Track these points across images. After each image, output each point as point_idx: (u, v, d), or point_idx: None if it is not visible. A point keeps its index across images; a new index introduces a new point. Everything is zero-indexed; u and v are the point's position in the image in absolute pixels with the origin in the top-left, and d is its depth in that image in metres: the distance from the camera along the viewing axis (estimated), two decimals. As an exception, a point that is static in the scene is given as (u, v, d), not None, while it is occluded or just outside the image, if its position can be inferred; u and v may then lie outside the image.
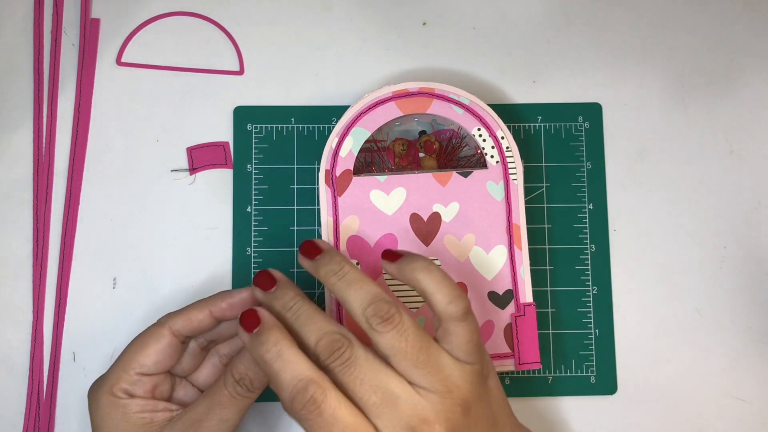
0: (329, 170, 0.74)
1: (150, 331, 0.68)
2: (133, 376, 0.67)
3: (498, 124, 0.74)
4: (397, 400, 0.58)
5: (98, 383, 0.67)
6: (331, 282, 0.63)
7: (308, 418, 0.58)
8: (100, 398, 0.66)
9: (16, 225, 0.79)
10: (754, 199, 0.80)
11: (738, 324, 0.79)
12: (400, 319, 0.60)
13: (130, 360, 0.67)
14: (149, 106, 0.81)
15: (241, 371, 0.65)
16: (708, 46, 0.83)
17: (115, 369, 0.67)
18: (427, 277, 0.62)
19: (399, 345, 0.59)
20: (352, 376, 0.59)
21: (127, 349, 0.68)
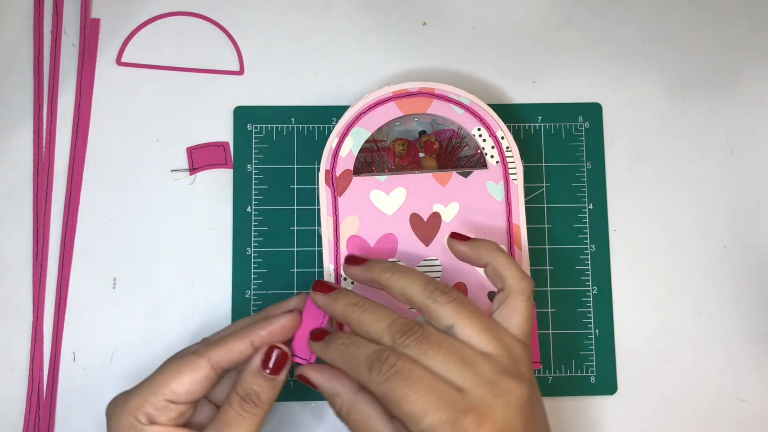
0: (329, 170, 0.74)
1: (187, 360, 0.65)
2: (161, 401, 0.64)
3: (498, 124, 0.74)
4: (474, 362, 0.61)
5: (121, 401, 0.65)
6: (385, 277, 0.66)
7: (388, 379, 0.59)
8: (120, 418, 0.64)
9: (16, 225, 0.79)
10: (754, 199, 0.80)
11: (738, 324, 0.79)
12: (457, 293, 0.64)
13: (160, 385, 0.65)
14: (149, 106, 0.81)
15: (245, 387, 0.65)
16: (708, 46, 0.83)
17: (142, 391, 0.65)
18: (501, 256, 0.67)
19: (461, 312, 0.63)
20: (430, 348, 0.61)
21: (159, 373, 0.65)
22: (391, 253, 0.73)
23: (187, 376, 0.65)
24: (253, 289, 0.78)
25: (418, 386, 0.59)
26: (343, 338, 0.64)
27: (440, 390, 0.59)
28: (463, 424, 0.58)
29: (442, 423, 0.58)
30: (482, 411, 0.59)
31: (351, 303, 0.65)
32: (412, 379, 0.59)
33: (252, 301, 0.78)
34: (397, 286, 0.65)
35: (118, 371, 0.77)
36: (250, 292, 0.78)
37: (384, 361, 0.60)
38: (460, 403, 0.59)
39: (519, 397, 0.60)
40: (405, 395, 0.59)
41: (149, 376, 0.65)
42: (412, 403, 0.58)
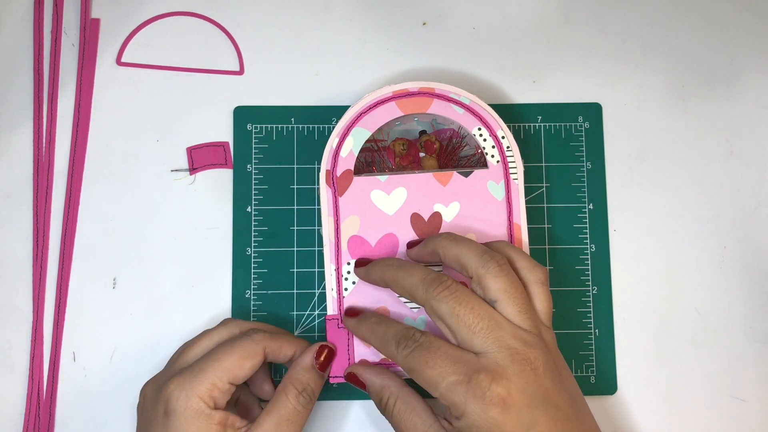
0: (330, 170, 0.74)
1: (247, 346, 0.68)
2: (226, 385, 0.66)
3: (498, 124, 0.74)
4: (502, 326, 0.63)
5: (186, 384, 0.65)
6: (443, 245, 0.68)
7: (413, 350, 0.64)
8: (188, 401, 0.65)
9: (16, 225, 0.79)
10: (754, 199, 0.80)
11: (738, 324, 0.79)
12: (510, 269, 0.66)
13: (227, 370, 0.66)
14: (149, 106, 0.81)
15: (302, 381, 0.68)
16: (708, 46, 0.83)
17: (209, 375, 0.66)
18: (512, 249, 0.69)
19: (511, 290, 0.65)
20: (460, 304, 0.64)
21: (223, 357, 0.67)
22: (392, 252, 0.73)
23: (249, 362, 0.68)
24: (253, 289, 0.78)
25: (437, 353, 0.63)
26: (375, 317, 0.69)
27: (458, 355, 0.63)
28: (477, 381, 0.60)
29: (458, 383, 0.61)
30: (497, 371, 0.61)
31: (387, 264, 0.69)
32: (432, 348, 0.63)
33: (252, 301, 0.78)
34: (452, 252, 0.67)
35: (118, 371, 0.77)
36: (250, 292, 0.78)
37: (410, 336, 0.65)
38: (475, 364, 0.62)
39: (538, 367, 0.62)
40: (425, 362, 0.63)
41: (205, 359, 0.67)
42: (431, 368, 0.62)
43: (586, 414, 0.66)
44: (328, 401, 0.77)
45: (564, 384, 0.64)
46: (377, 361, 0.72)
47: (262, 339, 0.69)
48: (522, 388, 0.61)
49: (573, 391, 0.65)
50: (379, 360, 0.72)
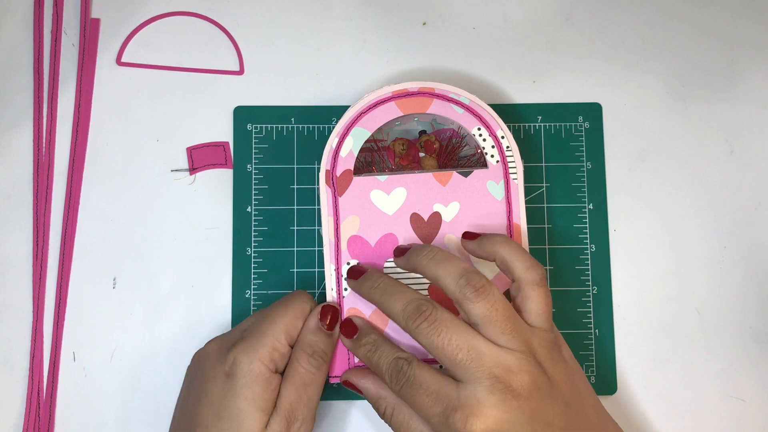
0: (330, 170, 0.74)
1: (298, 303, 0.71)
2: (285, 346, 0.69)
3: (498, 124, 0.74)
4: (483, 355, 0.62)
5: (249, 348, 0.67)
6: (422, 264, 0.67)
7: (402, 387, 0.65)
8: (251, 365, 0.66)
9: (16, 225, 0.79)
10: (754, 199, 0.80)
11: (738, 324, 0.79)
12: (490, 289, 0.65)
13: (283, 330, 0.69)
14: (149, 106, 0.81)
15: (311, 344, 0.69)
16: (708, 46, 0.83)
17: (267, 338, 0.68)
18: (507, 248, 0.68)
19: (490, 314, 0.64)
20: (440, 336, 0.63)
21: (276, 318, 0.69)
22: (391, 252, 0.73)
23: (300, 320, 0.70)
24: (253, 289, 0.78)
25: (420, 390, 0.64)
26: (368, 343, 0.69)
27: (439, 389, 0.63)
28: (453, 420, 0.61)
29: (439, 422, 0.62)
30: (473, 407, 0.61)
31: (373, 286, 0.69)
32: (416, 384, 0.64)
33: (252, 301, 0.78)
34: (431, 273, 0.67)
35: (118, 371, 0.77)
36: (250, 292, 0.78)
37: (399, 370, 0.65)
38: (454, 399, 0.62)
39: (521, 391, 0.61)
40: (413, 399, 0.64)
41: (263, 321, 0.69)
42: (419, 405, 0.63)
43: (587, 411, 0.66)
44: (329, 401, 0.77)
45: (555, 393, 0.64)
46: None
47: (310, 298, 0.72)
48: (501, 419, 0.61)
49: (567, 396, 0.65)
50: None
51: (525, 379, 0.62)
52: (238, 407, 0.65)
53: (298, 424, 0.67)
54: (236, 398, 0.65)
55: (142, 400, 0.76)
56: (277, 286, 0.78)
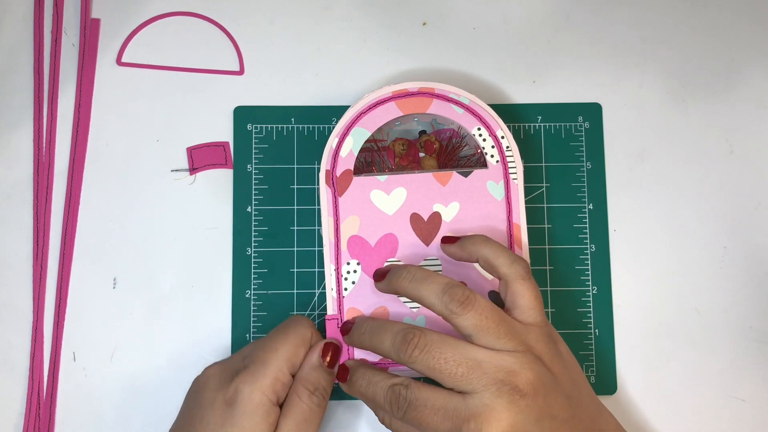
0: (330, 170, 0.74)
1: (299, 332, 0.70)
2: (287, 375, 0.68)
3: (498, 124, 0.74)
4: (482, 363, 0.62)
5: (250, 378, 0.66)
6: (403, 286, 0.67)
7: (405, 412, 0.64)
8: (252, 395, 0.65)
9: (16, 225, 0.79)
10: (754, 199, 0.80)
11: (738, 324, 0.79)
12: (474, 299, 0.64)
13: (285, 359, 0.68)
14: (149, 106, 0.81)
15: (313, 381, 0.68)
16: (708, 46, 0.83)
17: (269, 368, 0.67)
18: (488, 247, 0.69)
19: (481, 323, 0.64)
20: (434, 358, 0.63)
21: (278, 347, 0.68)
22: (391, 252, 0.73)
23: (303, 349, 0.69)
24: (253, 289, 0.78)
25: (425, 410, 0.63)
26: (362, 378, 0.68)
27: (445, 404, 0.62)
28: (466, 431, 0.61)
29: (449, 431, 0.61)
30: (484, 413, 0.61)
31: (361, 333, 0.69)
32: (419, 405, 0.63)
33: (252, 301, 0.78)
34: (414, 295, 0.67)
35: (118, 371, 0.77)
36: (250, 292, 0.78)
37: (398, 396, 0.64)
38: (463, 410, 0.61)
39: (527, 390, 0.62)
40: (419, 421, 0.63)
41: (263, 350, 0.68)
42: (426, 426, 0.62)
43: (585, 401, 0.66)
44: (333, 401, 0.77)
45: (557, 387, 0.64)
46: (376, 361, 0.72)
47: (310, 325, 0.70)
48: (514, 421, 0.61)
49: (568, 388, 0.65)
50: (378, 360, 0.72)
51: (529, 376, 0.62)
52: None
53: None
54: (234, 428, 0.64)
55: (142, 400, 0.76)
56: (277, 286, 0.78)
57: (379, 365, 0.71)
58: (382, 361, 0.72)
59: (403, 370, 0.71)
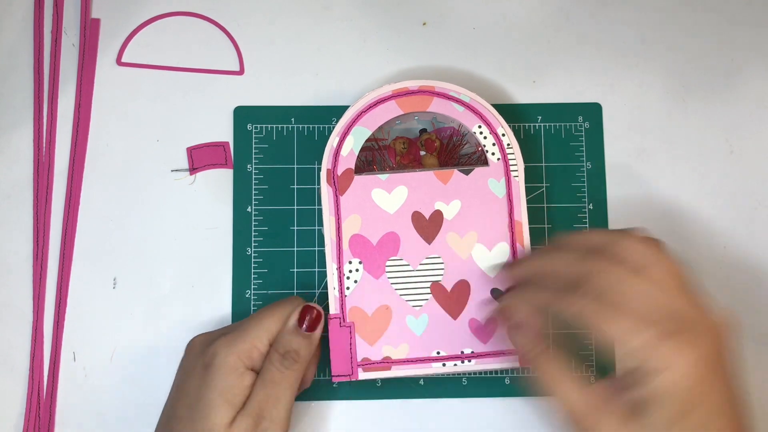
0: (331, 169, 0.74)
1: (286, 307, 0.70)
2: (266, 344, 0.69)
3: (498, 122, 0.74)
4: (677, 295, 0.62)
5: (230, 341, 0.67)
6: None
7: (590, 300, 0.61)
8: (227, 357, 0.66)
9: (16, 225, 0.79)
10: (754, 199, 0.81)
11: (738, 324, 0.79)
12: None
13: (266, 330, 0.69)
14: (149, 106, 0.81)
15: (284, 345, 0.68)
16: (708, 46, 0.83)
17: (248, 334, 0.68)
18: None
19: None
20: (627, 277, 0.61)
21: (262, 318, 0.69)
22: (393, 251, 0.73)
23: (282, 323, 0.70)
24: (253, 289, 0.78)
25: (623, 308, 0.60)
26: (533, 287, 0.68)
27: (650, 309, 0.60)
28: (682, 338, 0.58)
29: (657, 338, 0.58)
30: (709, 339, 0.60)
31: (536, 257, 0.70)
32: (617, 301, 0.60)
33: (252, 301, 0.78)
34: None
35: (118, 371, 0.77)
36: (250, 292, 0.78)
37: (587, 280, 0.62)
38: (678, 321, 0.59)
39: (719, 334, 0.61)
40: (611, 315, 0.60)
41: (249, 320, 0.69)
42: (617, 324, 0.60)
43: None
44: (331, 401, 0.77)
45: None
46: (380, 359, 0.72)
47: (299, 302, 0.71)
48: (727, 366, 0.61)
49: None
50: (381, 358, 0.72)
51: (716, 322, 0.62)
52: (208, 398, 0.65)
53: (266, 424, 0.66)
54: (208, 389, 0.65)
55: (142, 400, 0.76)
56: (277, 286, 0.78)
57: (381, 364, 0.71)
58: (384, 360, 0.72)
59: None
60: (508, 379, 0.77)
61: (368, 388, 0.77)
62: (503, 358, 0.73)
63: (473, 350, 0.72)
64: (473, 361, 0.72)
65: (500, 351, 0.73)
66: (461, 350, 0.72)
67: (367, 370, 0.72)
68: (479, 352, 0.72)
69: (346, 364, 0.72)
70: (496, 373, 0.77)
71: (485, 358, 0.72)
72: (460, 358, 0.72)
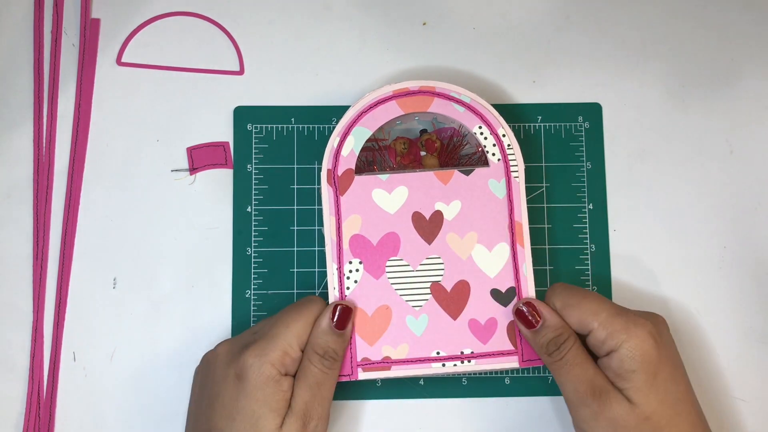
0: (331, 169, 0.74)
1: (312, 310, 0.71)
2: (297, 350, 0.69)
3: (499, 122, 0.74)
4: None
5: (259, 351, 0.67)
6: None
7: None
8: (261, 368, 0.66)
9: (16, 225, 0.79)
10: (754, 199, 0.81)
11: (738, 324, 0.79)
12: None
13: (295, 335, 0.69)
14: (149, 106, 0.81)
15: (322, 345, 0.69)
16: (708, 46, 0.83)
17: (278, 342, 0.68)
18: None
19: None
20: None
21: (290, 323, 0.69)
22: (393, 251, 0.73)
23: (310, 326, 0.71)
24: (253, 289, 0.78)
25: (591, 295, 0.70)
26: None
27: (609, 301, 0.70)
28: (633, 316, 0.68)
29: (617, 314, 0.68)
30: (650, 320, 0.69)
31: None
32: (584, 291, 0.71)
33: (252, 301, 0.78)
34: None
35: (118, 371, 0.77)
36: (250, 292, 0.78)
37: None
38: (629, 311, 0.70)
39: None
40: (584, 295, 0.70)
41: (277, 326, 0.69)
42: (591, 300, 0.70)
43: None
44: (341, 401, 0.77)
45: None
46: (380, 359, 0.72)
47: (320, 303, 0.72)
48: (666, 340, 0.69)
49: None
50: (381, 359, 0.72)
51: None
52: (251, 409, 0.65)
53: (314, 423, 0.67)
54: (248, 400, 0.66)
55: (142, 400, 0.76)
56: (277, 286, 0.78)
57: (381, 364, 0.71)
58: (384, 360, 0.72)
59: None
60: (508, 379, 0.77)
61: (368, 388, 0.77)
62: (503, 358, 0.72)
63: (473, 350, 0.72)
64: (473, 361, 0.72)
65: (500, 351, 0.73)
66: (461, 350, 0.72)
67: (367, 370, 0.72)
68: (479, 352, 0.72)
69: (346, 364, 0.72)
70: (496, 373, 0.77)
71: (485, 358, 0.72)
72: (459, 358, 0.72)
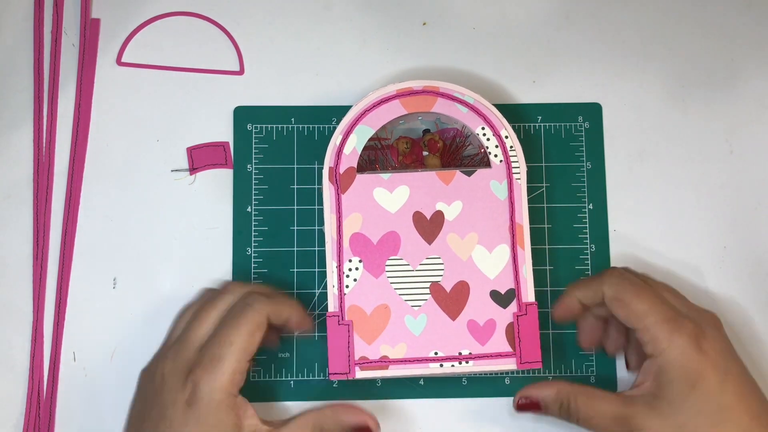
0: (333, 167, 0.74)
1: (252, 318, 0.68)
2: (245, 365, 0.67)
3: (502, 124, 0.74)
4: None
5: (210, 379, 0.65)
6: None
7: None
8: (212, 394, 0.65)
9: (16, 225, 0.79)
10: (754, 199, 0.81)
11: (738, 324, 0.79)
12: None
13: (241, 350, 0.67)
14: (149, 106, 0.81)
15: None
16: (708, 46, 0.83)
17: (227, 363, 0.65)
18: None
19: None
20: None
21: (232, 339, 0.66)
22: (393, 251, 0.73)
23: (258, 335, 0.68)
24: (253, 289, 0.78)
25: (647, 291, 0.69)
26: None
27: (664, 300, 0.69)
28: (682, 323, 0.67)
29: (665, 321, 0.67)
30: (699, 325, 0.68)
31: None
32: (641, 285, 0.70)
33: (252, 301, 0.78)
34: None
35: (118, 371, 0.77)
36: (250, 292, 0.78)
37: None
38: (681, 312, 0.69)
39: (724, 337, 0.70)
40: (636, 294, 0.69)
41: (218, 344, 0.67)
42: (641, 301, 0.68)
43: None
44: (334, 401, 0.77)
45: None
46: (377, 358, 0.72)
47: (263, 306, 0.68)
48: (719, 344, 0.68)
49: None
50: (379, 358, 0.72)
51: None
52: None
53: None
54: (199, 426, 0.64)
55: (142, 400, 0.76)
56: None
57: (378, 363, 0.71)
58: (382, 359, 0.72)
59: None
60: (508, 379, 0.77)
61: (368, 387, 0.77)
62: (501, 360, 0.72)
63: (471, 351, 0.72)
64: (471, 362, 0.72)
65: (498, 353, 0.72)
66: (459, 351, 0.72)
67: (365, 369, 0.72)
68: (477, 353, 0.72)
69: (344, 362, 0.72)
70: (496, 374, 0.77)
71: (483, 359, 0.72)
72: (457, 359, 0.72)
